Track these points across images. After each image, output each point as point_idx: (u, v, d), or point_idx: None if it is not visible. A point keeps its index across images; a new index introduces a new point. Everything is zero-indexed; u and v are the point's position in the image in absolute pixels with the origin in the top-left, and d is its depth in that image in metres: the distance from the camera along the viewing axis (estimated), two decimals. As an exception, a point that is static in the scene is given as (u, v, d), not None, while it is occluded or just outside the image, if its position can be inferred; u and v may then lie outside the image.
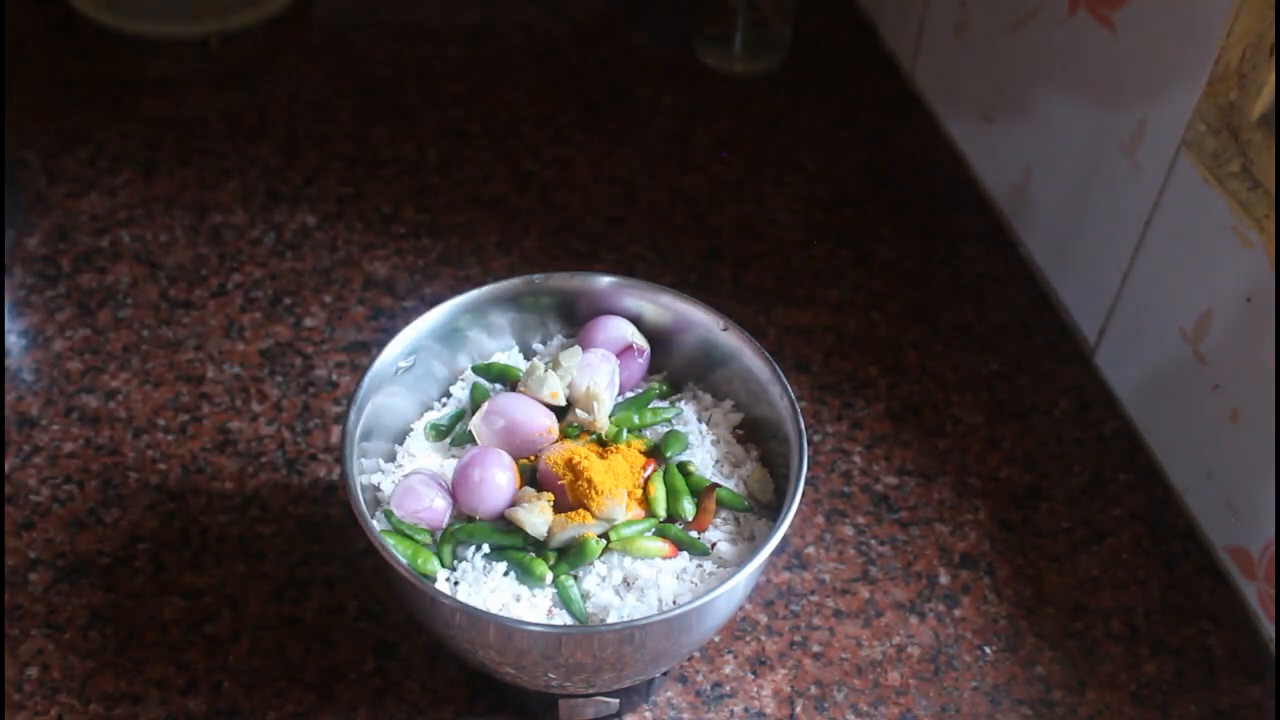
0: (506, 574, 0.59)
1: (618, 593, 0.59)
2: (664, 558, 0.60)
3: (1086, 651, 0.70)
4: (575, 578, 0.59)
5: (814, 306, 0.88)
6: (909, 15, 1.05)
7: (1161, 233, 0.76)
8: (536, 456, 0.62)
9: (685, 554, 0.61)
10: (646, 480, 0.62)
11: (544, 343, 0.70)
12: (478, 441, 0.63)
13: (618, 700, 0.64)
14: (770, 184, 0.98)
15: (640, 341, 0.68)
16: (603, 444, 0.63)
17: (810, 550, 0.74)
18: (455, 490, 0.61)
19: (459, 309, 0.67)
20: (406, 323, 0.65)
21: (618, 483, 0.60)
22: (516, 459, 0.62)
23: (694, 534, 0.62)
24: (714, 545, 0.61)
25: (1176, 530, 0.76)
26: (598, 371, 0.65)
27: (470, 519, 0.61)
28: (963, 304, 0.89)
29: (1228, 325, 0.71)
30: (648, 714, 0.67)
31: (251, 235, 0.91)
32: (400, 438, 0.66)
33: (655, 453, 0.64)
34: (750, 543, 0.62)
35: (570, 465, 0.60)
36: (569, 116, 1.03)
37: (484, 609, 0.57)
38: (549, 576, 0.59)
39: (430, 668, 0.68)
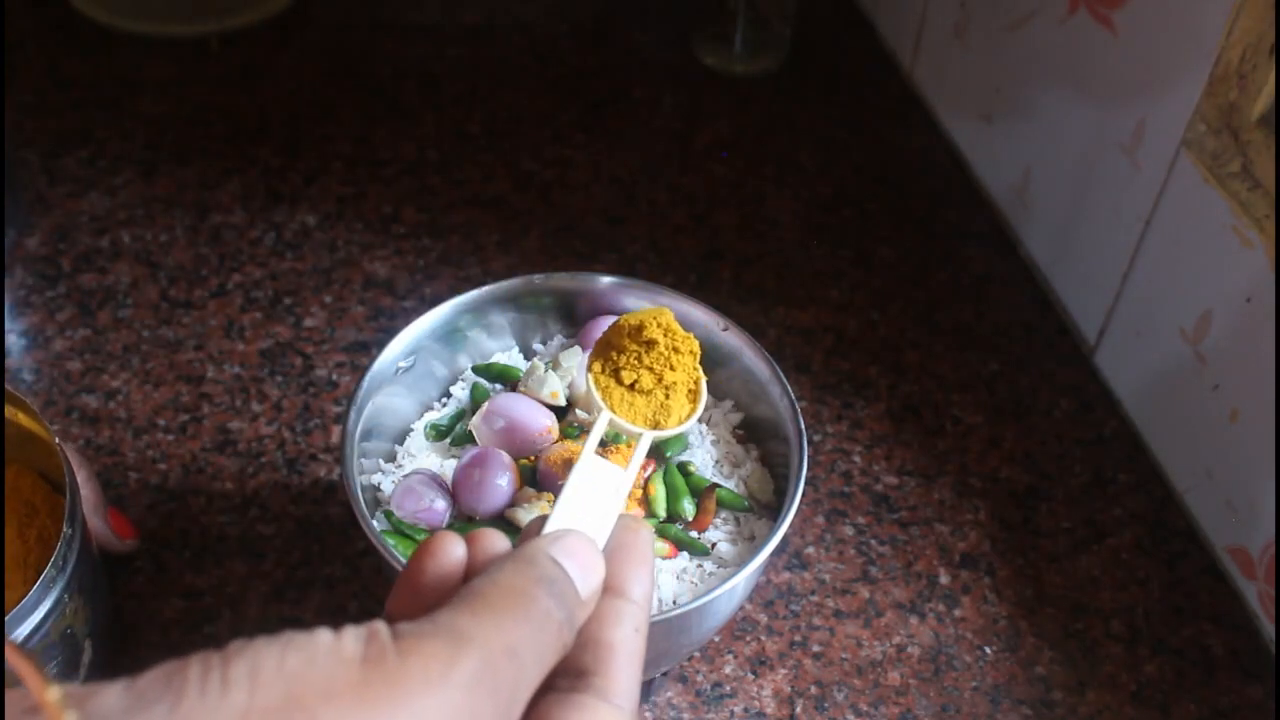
0: (506, 574, 0.59)
1: (618, 593, 0.59)
2: (664, 558, 0.60)
3: (1086, 651, 0.70)
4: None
5: (814, 306, 0.88)
6: (909, 15, 1.05)
7: (1161, 233, 0.76)
8: (536, 456, 0.62)
9: (685, 554, 0.61)
10: (646, 480, 0.62)
11: (544, 343, 0.70)
12: (478, 441, 0.63)
13: (618, 700, 0.64)
14: (770, 184, 0.98)
15: (640, 341, 0.68)
16: (603, 444, 0.63)
17: (810, 550, 0.74)
18: (455, 490, 0.61)
19: (459, 309, 0.67)
20: (406, 323, 0.65)
21: (618, 483, 0.60)
22: (516, 459, 0.62)
23: (694, 534, 0.62)
24: (714, 545, 0.61)
25: (1176, 530, 0.76)
26: (598, 371, 0.65)
27: (470, 519, 0.61)
28: (963, 304, 0.89)
29: (1228, 325, 0.71)
30: (648, 714, 0.67)
31: (251, 235, 0.91)
32: (400, 438, 0.66)
33: (655, 453, 0.64)
34: (750, 543, 0.62)
35: (570, 465, 0.60)
36: (569, 116, 1.03)
37: (484, 609, 0.57)
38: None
39: (430, 668, 0.68)
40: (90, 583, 0.58)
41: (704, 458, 0.64)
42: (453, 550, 0.36)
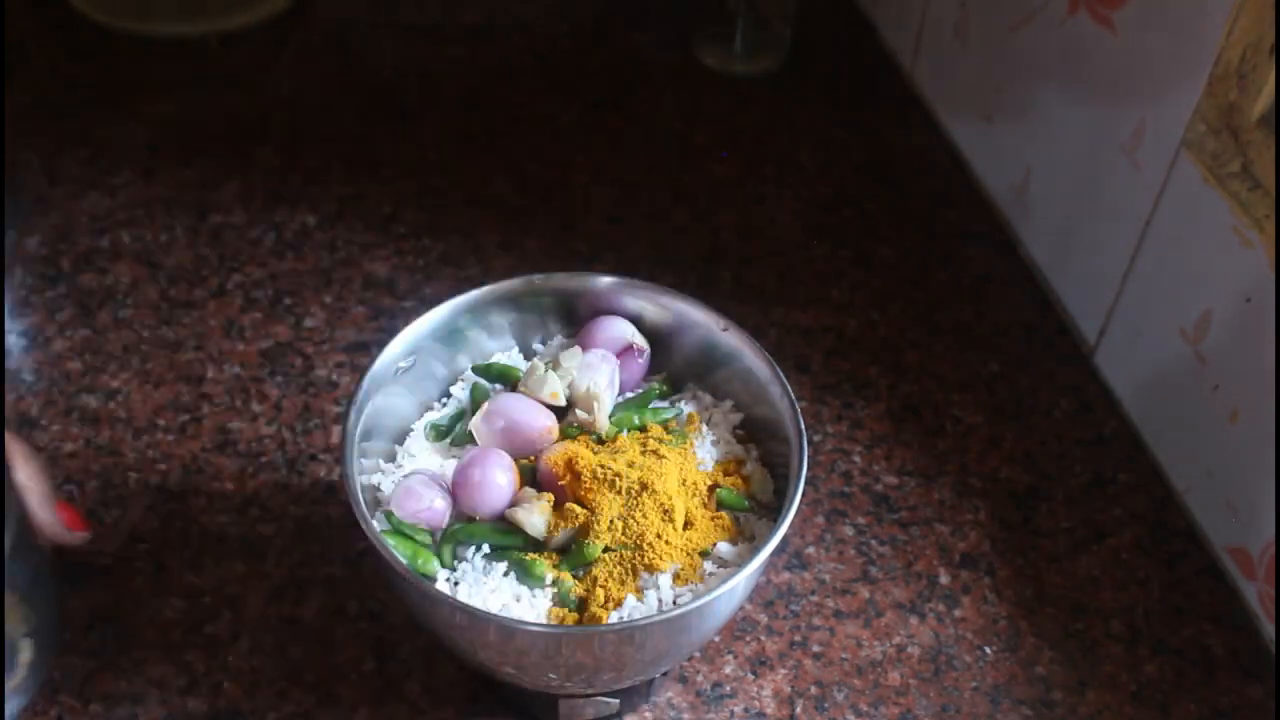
0: (506, 574, 0.59)
1: (618, 593, 0.59)
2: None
3: (1086, 651, 0.70)
4: (576, 578, 0.59)
5: (814, 306, 0.88)
6: (909, 15, 1.05)
7: (1161, 233, 0.76)
8: (536, 456, 0.62)
9: (684, 556, 0.61)
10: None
11: (544, 343, 0.70)
12: (478, 441, 0.63)
13: (618, 700, 0.64)
14: (770, 184, 0.98)
15: (640, 341, 0.68)
16: (602, 444, 0.63)
17: (810, 550, 0.74)
18: (455, 490, 0.61)
19: (459, 309, 0.67)
20: (406, 323, 0.65)
21: (618, 483, 0.60)
22: (516, 459, 0.62)
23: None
24: (714, 545, 0.61)
25: (1176, 530, 0.76)
26: (598, 372, 0.65)
27: (470, 519, 0.61)
28: (963, 304, 0.89)
29: (1228, 325, 0.71)
30: (648, 714, 0.67)
31: (251, 235, 0.91)
32: (400, 438, 0.66)
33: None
34: (750, 543, 0.62)
35: (570, 465, 0.60)
36: (569, 116, 1.03)
37: (484, 609, 0.57)
38: (549, 576, 0.59)
39: (430, 668, 0.68)
40: (29, 580, 0.57)
41: (704, 458, 0.64)
42: None
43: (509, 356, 0.69)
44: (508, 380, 0.67)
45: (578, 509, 0.60)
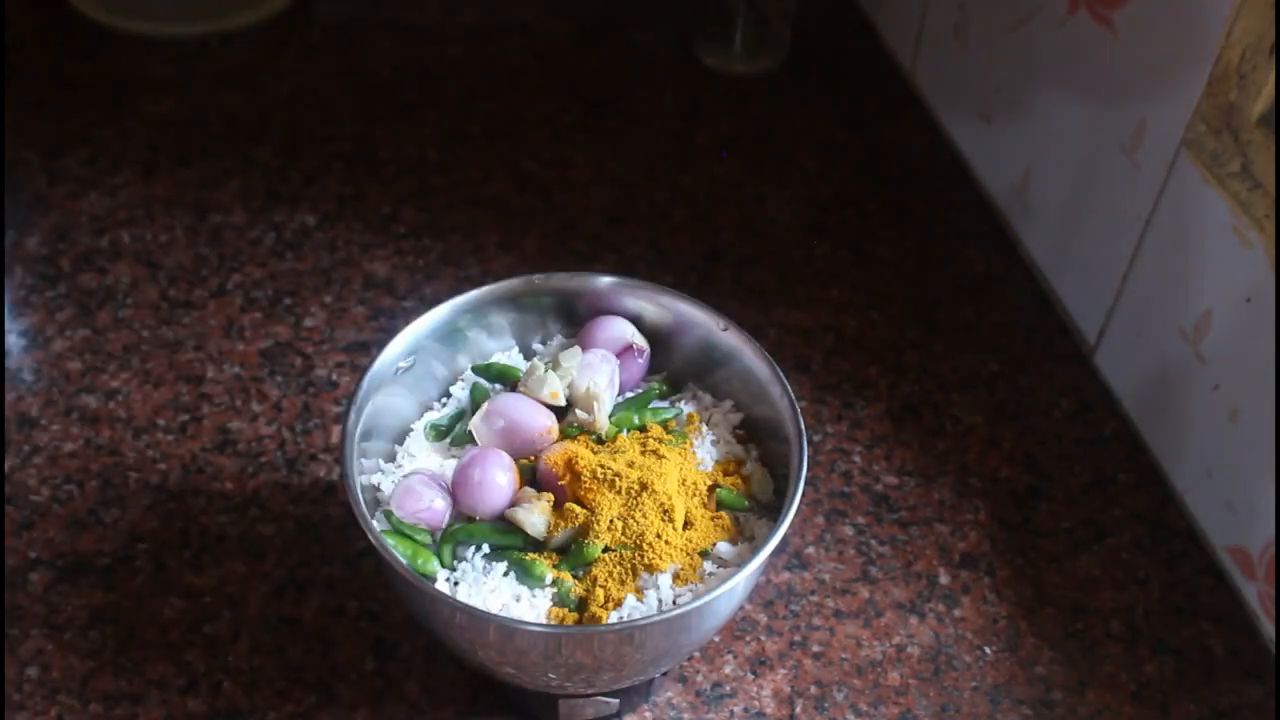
0: (506, 574, 0.59)
1: (618, 593, 0.59)
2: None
3: (1086, 651, 0.70)
4: (576, 578, 0.59)
5: (814, 306, 0.88)
6: (909, 15, 1.05)
7: (1161, 233, 0.76)
8: (536, 456, 0.62)
9: (684, 556, 0.61)
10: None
11: (544, 343, 0.70)
12: (478, 441, 0.63)
13: (618, 700, 0.64)
14: (770, 184, 0.98)
15: (640, 341, 0.68)
16: (602, 444, 0.63)
17: (810, 550, 0.74)
18: (455, 490, 0.61)
19: (459, 309, 0.67)
20: (406, 323, 0.65)
21: (618, 483, 0.60)
22: (516, 459, 0.62)
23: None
24: (714, 545, 0.61)
25: (1176, 530, 0.76)
26: (598, 371, 0.65)
27: (470, 519, 0.61)
28: (963, 304, 0.89)
29: (1228, 325, 0.71)
30: (648, 714, 0.67)
31: (251, 235, 0.91)
32: (400, 438, 0.66)
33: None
34: (750, 543, 0.62)
35: (570, 465, 0.60)
36: (569, 116, 1.03)
37: (484, 609, 0.57)
38: (549, 576, 0.59)
39: (430, 668, 0.68)
40: None
41: (704, 458, 0.64)
42: None
43: (509, 356, 0.69)
44: (508, 380, 0.67)
45: (578, 509, 0.60)
